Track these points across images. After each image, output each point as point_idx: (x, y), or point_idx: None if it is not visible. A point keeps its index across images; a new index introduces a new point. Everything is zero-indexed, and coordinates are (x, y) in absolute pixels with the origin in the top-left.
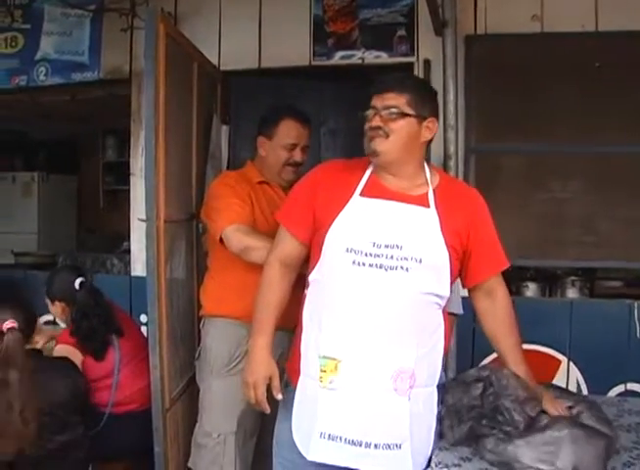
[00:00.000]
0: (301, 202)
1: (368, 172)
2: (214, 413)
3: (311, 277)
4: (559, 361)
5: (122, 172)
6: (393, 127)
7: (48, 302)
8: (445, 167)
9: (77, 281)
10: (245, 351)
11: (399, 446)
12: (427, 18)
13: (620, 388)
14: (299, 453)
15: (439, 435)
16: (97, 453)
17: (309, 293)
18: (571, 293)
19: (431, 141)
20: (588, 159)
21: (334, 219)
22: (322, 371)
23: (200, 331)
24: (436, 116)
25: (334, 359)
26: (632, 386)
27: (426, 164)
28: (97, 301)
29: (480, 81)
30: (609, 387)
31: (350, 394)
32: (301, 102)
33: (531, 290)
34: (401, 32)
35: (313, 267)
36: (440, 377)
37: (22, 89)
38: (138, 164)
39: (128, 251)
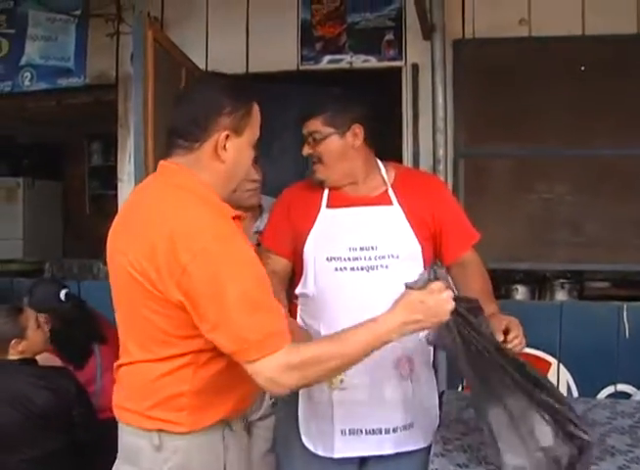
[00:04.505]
0: (279, 222)
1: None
2: None
3: (298, 291)
4: (549, 363)
5: (108, 177)
6: (321, 151)
7: None
8: (435, 171)
9: (63, 292)
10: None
11: (412, 425)
12: (415, 22)
13: (610, 389)
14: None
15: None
16: (88, 462)
17: (299, 307)
18: (561, 295)
19: (372, 141)
20: (576, 162)
21: (308, 233)
22: None
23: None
24: (360, 121)
25: None
26: (622, 387)
27: (380, 163)
28: (82, 312)
29: (469, 85)
30: (599, 388)
31: (360, 388)
32: (289, 107)
33: (521, 293)
34: (389, 37)
35: (298, 282)
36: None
37: (7, 95)
38: (125, 169)
39: None
